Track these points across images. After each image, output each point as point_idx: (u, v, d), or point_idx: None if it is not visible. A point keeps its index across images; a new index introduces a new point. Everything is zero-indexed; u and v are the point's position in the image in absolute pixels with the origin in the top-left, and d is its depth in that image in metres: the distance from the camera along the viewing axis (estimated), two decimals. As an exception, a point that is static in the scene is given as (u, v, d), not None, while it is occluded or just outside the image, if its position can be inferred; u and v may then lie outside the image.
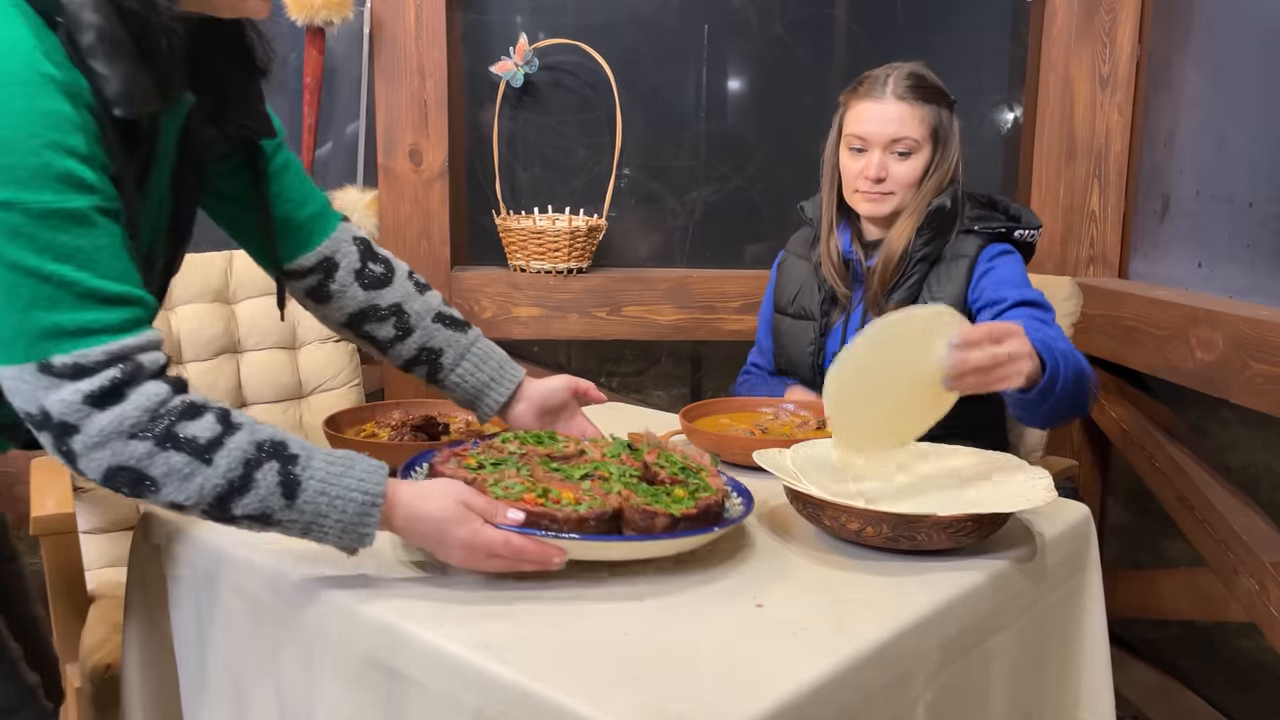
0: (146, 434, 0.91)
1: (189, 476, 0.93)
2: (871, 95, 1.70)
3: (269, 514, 0.96)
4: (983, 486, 1.25)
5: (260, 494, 0.95)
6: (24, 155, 0.87)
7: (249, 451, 0.95)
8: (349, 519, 0.98)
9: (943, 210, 1.70)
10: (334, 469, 0.98)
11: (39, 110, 0.87)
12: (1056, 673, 1.30)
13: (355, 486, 0.98)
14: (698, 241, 2.58)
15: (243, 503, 0.95)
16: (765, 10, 2.49)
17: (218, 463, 0.93)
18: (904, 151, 1.68)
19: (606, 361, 3.01)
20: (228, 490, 0.94)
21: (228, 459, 0.94)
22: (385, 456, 1.33)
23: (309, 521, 0.98)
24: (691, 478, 1.18)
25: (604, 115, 2.45)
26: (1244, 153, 2.09)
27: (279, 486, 0.95)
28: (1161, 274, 2.35)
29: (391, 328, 1.29)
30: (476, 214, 2.51)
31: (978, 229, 1.72)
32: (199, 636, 1.22)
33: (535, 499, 1.06)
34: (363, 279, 1.28)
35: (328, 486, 0.97)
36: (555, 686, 0.86)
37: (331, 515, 0.98)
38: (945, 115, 1.71)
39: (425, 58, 2.32)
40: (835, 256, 1.78)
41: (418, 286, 1.33)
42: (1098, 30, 2.38)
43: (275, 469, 0.95)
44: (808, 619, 1.00)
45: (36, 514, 1.60)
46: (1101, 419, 2.37)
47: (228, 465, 0.94)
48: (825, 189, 1.81)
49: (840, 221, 1.80)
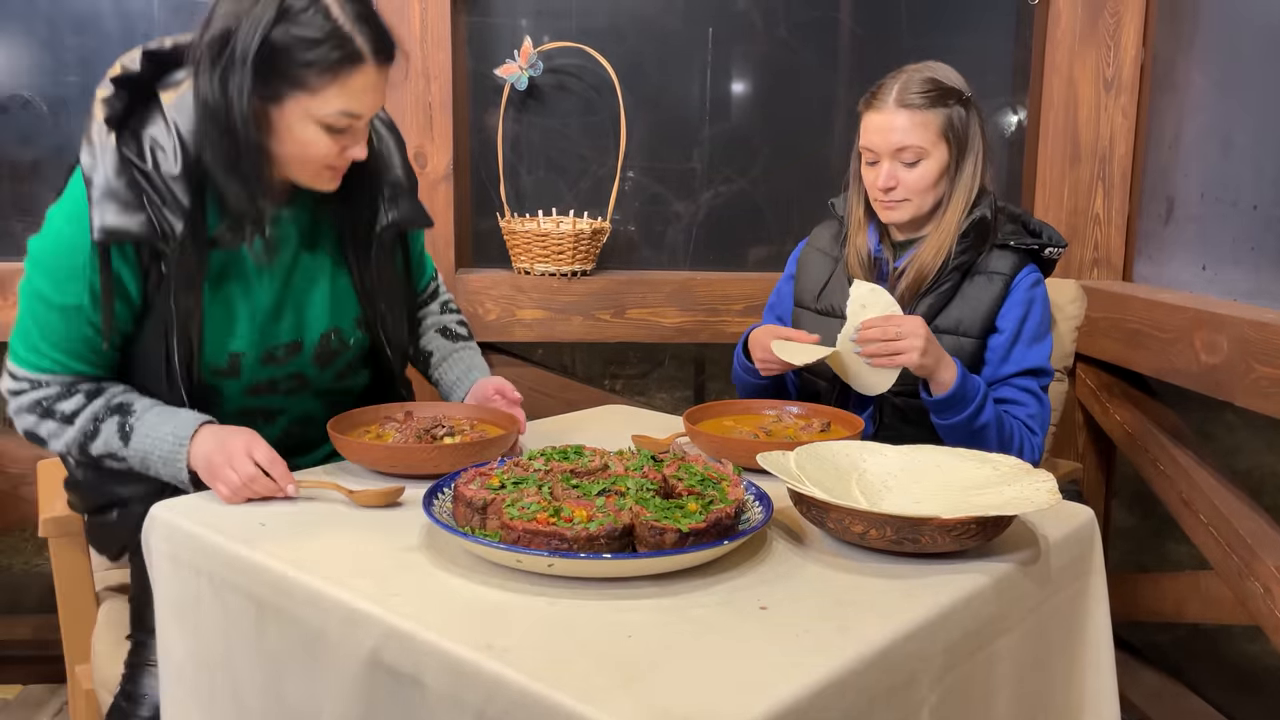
0: (32, 412, 1.38)
1: (57, 434, 1.37)
2: (875, 106, 1.70)
3: (114, 453, 1.34)
4: (986, 489, 1.25)
5: (104, 438, 1.34)
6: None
7: (98, 412, 1.35)
8: (166, 453, 1.31)
9: (983, 221, 1.71)
10: (159, 419, 1.33)
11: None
12: (1061, 676, 1.30)
13: (170, 432, 1.31)
14: (701, 244, 2.59)
15: (94, 445, 1.34)
16: (769, 13, 2.49)
17: (76, 423, 1.35)
18: (911, 160, 1.68)
19: (610, 364, 3.01)
20: (83, 439, 1.35)
21: (82, 419, 1.35)
22: (391, 459, 1.35)
23: (142, 456, 1.33)
24: (710, 488, 1.19)
25: (608, 118, 2.46)
26: (1249, 155, 2.09)
27: (117, 432, 1.33)
28: (1166, 277, 2.34)
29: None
30: (481, 216, 2.52)
31: (1013, 244, 1.73)
32: (197, 637, 1.23)
33: (547, 519, 1.09)
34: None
35: (151, 430, 1.32)
36: (558, 688, 0.87)
37: (154, 452, 1.32)
38: (959, 115, 1.70)
39: (430, 61, 2.32)
40: (864, 254, 1.79)
41: (443, 308, 1.76)
42: (1102, 33, 2.38)
43: (115, 421, 1.34)
44: (811, 621, 1.00)
45: (45, 515, 1.61)
46: (1105, 422, 2.37)
47: (81, 423, 1.35)
48: (852, 192, 1.82)
49: (870, 222, 1.80)
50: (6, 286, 2.21)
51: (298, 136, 1.30)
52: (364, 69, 1.29)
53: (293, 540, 1.19)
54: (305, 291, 1.46)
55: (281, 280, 1.43)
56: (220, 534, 1.21)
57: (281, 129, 1.30)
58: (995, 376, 1.71)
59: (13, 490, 2.32)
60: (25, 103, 2.31)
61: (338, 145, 1.32)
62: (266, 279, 1.42)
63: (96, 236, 1.26)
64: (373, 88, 1.31)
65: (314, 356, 1.49)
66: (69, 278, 1.31)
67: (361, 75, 1.29)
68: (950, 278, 1.71)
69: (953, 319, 1.71)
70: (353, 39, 1.27)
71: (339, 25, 1.26)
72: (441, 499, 1.22)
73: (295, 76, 1.26)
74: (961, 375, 1.58)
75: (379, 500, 1.28)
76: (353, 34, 1.27)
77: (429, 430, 1.47)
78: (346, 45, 1.26)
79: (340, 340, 1.51)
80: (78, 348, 1.35)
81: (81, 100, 2.32)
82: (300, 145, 1.31)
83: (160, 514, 1.28)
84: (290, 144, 1.31)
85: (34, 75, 2.31)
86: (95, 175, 1.28)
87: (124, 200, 1.27)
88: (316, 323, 1.48)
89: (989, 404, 1.61)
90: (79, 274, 1.30)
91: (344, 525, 1.25)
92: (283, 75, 1.26)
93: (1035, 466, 1.68)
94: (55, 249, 1.32)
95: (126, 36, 2.31)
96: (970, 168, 1.71)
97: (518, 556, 1.06)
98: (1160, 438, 2.17)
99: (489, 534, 1.12)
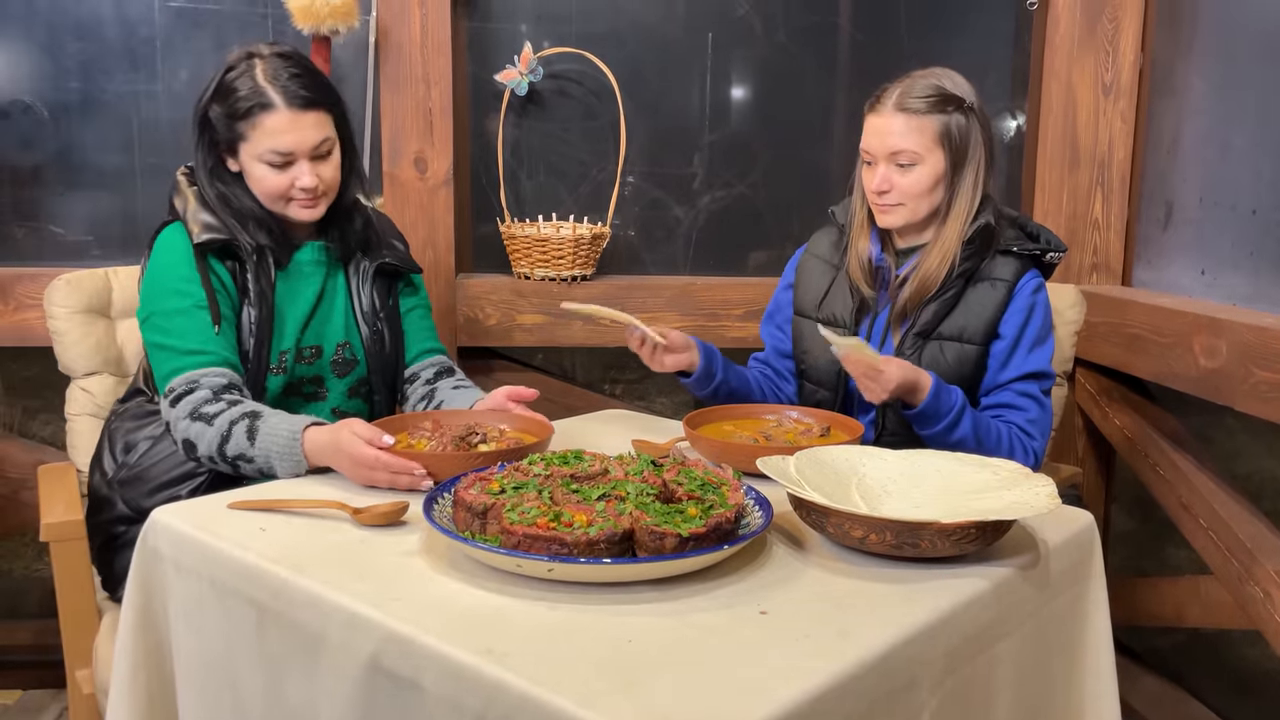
0: (187, 417, 1.56)
1: (202, 435, 1.53)
2: (876, 109, 1.71)
3: (243, 453, 1.50)
4: (986, 494, 1.25)
5: (236, 440, 1.51)
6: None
7: (234, 416, 1.52)
8: (283, 447, 1.48)
9: (988, 227, 1.71)
10: (279, 421, 1.50)
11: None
12: (1061, 680, 1.30)
13: (286, 429, 1.48)
14: (701, 249, 2.59)
15: (229, 447, 1.51)
16: (769, 19, 2.50)
17: (215, 424, 1.53)
18: (906, 163, 1.68)
19: (610, 368, 3.01)
20: (220, 441, 1.52)
21: (220, 421, 1.53)
22: (428, 466, 1.36)
23: (266, 454, 1.49)
24: (710, 493, 1.19)
25: (608, 123, 2.46)
26: (1247, 160, 2.09)
27: (246, 433, 1.50)
28: (1165, 281, 2.35)
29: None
30: (481, 222, 2.52)
31: (1015, 249, 1.73)
32: (200, 641, 1.23)
33: (547, 523, 1.09)
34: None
35: (272, 429, 1.49)
36: (558, 693, 0.87)
37: (273, 448, 1.48)
38: (958, 123, 1.69)
39: (430, 66, 2.33)
40: (865, 260, 1.79)
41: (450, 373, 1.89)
42: (1100, 38, 2.39)
43: (245, 424, 1.51)
44: (811, 626, 1.01)
45: (46, 520, 1.61)
46: (1105, 426, 2.37)
47: (219, 424, 1.52)
48: (855, 195, 1.82)
49: (871, 227, 1.81)
50: (7, 292, 2.22)
51: (257, 175, 1.64)
52: (275, 113, 1.60)
53: (293, 544, 1.20)
54: (329, 306, 1.76)
55: (315, 294, 1.73)
56: (221, 538, 1.21)
57: (246, 171, 1.66)
58: (995, 382, 1.71)
59: (13, 495, 2.33)
60: (26, 108, 2.31)
61: (288, 178, 1.63)
62: (306, 292, 1.72)
63: (197, 240, 1.61)
64: (290, 128, 1.61)
65: (331, 363, 1.76)
66: (183, 284, 1.61)
67: (274, 118, 1.60)
68: (954, 285, 1.71)
69: (956, 326, 1.71)
70: (265, 90, 1.60)
71: (257, 83, 1.61)
72: (441, 504, 1.22)
73: (232, 128, 1.62)
74: (933, 393, 1.59)
75: (382, 520, 1.27)
76: (267, 87, 1.60)
77: (464, 437, 1.48)
78: (258, 95, 1.60)
79: (351, 353, 1.77)
80: (207, 341, 1.59)
81: (82, 106, 2.33)
82: (261, 182, 1.64)
83: (162, 518, 1.29)
84: (256, 182, 1.65)
85: (35, 81, 2.31)
86: (187, 211, 1.65)
87: (211, 220, 1.64)
88: (334, 334, 1.76)
89: (965, 419, 1.62)
90: (190, 279, 1.61)
91: (344, 530, 1.25)
92: (226, 129, 1.63)
93: (1035, 470, 1.70)
94: (161, 275, 1.63)
95: (127, 43, 2.32)
96: (971, 176, 1.71)
97: (518, 561, 1.06)
98: (1160, 442, 2.18)
99: (489, 539, 1.12)
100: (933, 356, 1.71)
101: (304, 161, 1.63)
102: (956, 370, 1.70)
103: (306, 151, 1.63)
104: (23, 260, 2.33)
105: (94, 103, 2.33)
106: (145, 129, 2.36)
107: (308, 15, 2.18)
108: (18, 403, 2.63)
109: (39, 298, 2.00)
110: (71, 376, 1.91)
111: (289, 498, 1.36)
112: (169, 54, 2.34)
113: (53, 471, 1.87)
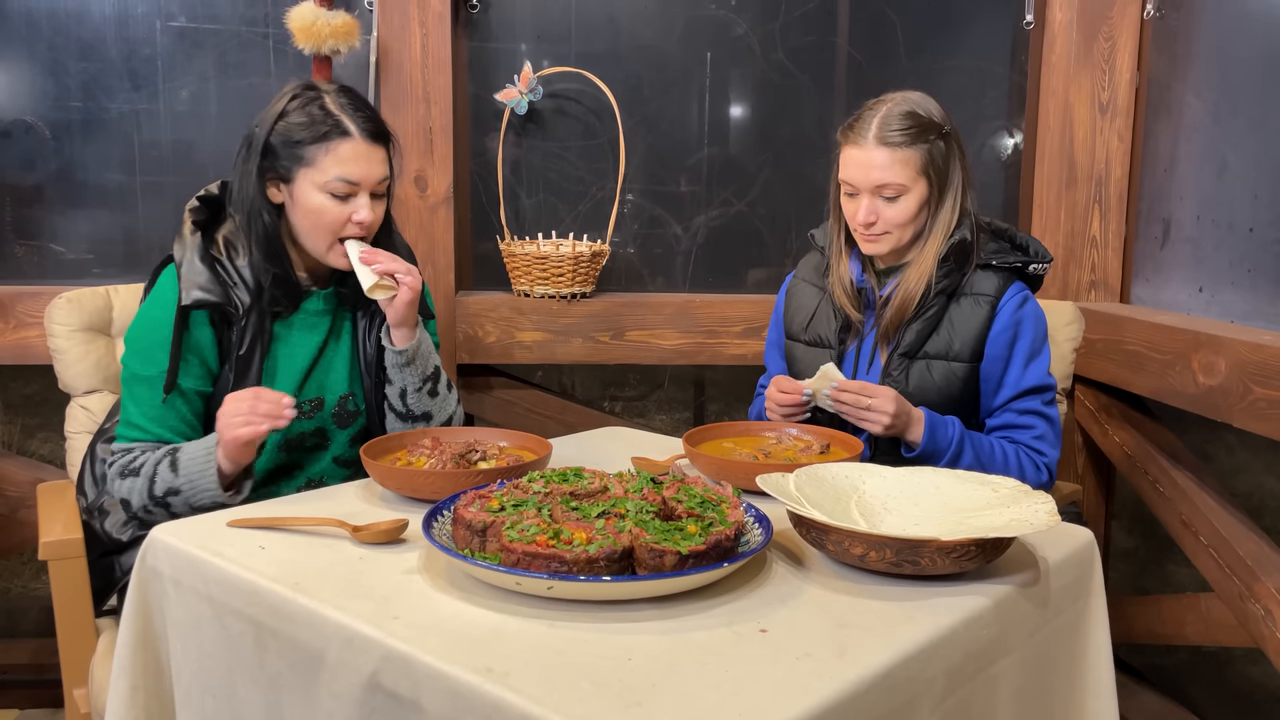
0: (118, 476, 1.56)
1: (133, 489, 1.53)
2: (855, 141, 1.69)
3: (170, 486, 1.50)
4: (986, 511, 1.25)
5: (161, 477, 1.51)
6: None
7: (158, 458, 1.52)
8: (201, 468, 1.48)
9: (963, 243, 1.71)
10: (194, 444, 1.51)
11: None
12: (1062, 699, 1.29)
13: (202, 446, 1.50)
14: (700, 266, 2.60)
15: (156, 487, 1.51)
16: (767, 37, 2.52)
17: (141, 472, 1.53)
18: (891, 195, 1.67)
19: (610, 385, 3.01)
20: (148, 485, 1.52)
21: (146, 467, 1.53)
22: (427, 484, 1.36)
23: (189, 479, 1.49)
24: (710, 510, 1.19)
25: (607, 142, 2.47)
26: (1244, 178, 2.10)
27: (169, 467, 1.50)
28: (1163, 299, 2.35)
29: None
30: (481, 239, 2.53)
31: (995, 263, 1.73)
32: (199, 659, 1.22)
33: (547, 541, 1.09)
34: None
35: (190, 453, 1.50)
36: (558, 711, 0.87)
37: (194, 467, 1.48)
38: (939, 150, 1.68)
39: (431, 85, 2.34)
40: (847, 283, 1.79)
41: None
42: (1097, 57, 2.40)
43: (168, 460, 1.51)
44: (811, 644, 1.00)
45: (45, 539, 1.61)
46: (1105, 443, 2.37)
47: (146, 470, 1.52)
48: (832, 221, 1.82)
49: (851, 251, 1.80)
50: (8, 310, 2.22)
51: (314, 205, 1.59)
52: (351, 140, 1.58)
53: (292, 562, 1.19)
54: (331, 359, 1.72)
55: (317, 347, 1.69)
56: (220, 556, 1.21)
57: (298, 202, 1.60)
58: (995, 404, 1.71)
59: (12, 514, 2.32)
60: (28, 128, 2.32)
61: (346, 211, 1.59)
62: (306, 345, 1.68)
63: (185, 301, 1.56)
64: (363, 158, 1.59)
65: (333, 414, 1.71)
66: (155, 349, 1.57)
67: (349, 145, 1.58)
68: (935, 302, 1.71)
69: (942, 344, 1.71)
70: (340, 118, 1.58)
71: (329, 110, 1.59)
72: (441, 521, 1.22)
73: (296, 154, 1.58)
74: (928, 433, 1.62)
75: (382, 538, 1.27)
76: (340, 115, 1.58)
77: (464, 455, 1.48)
78: (334, 122, 1.58)
79: (355, 404, 1.73)
80: (166, 416, 1.58)
81: (84, 125, 2.34)
82: (313, 213, 1.59)
83: (161, 536, 1.28)
84: (304, 215, 1.60)
85: (37, 101, 2.32)
86: (184, 262, 1.59)
87: (206, 280, 1.59)
88: (337, 385, 1.72)
89: (966, 450, 1.63)
90: (163, 346, 1.56)
91: (343, 548, 1.25)
92: (289, 154, 1.58)
93: (1050, 482, 1.70)
94: (144, 329, 1.60)
95: (129, 62, 2.33)
96: (952, 198, 1.71)
97: (517, 579, 1.06)
98: (1160, 459, 2.18)
99: (488, 556, 1.12)
100: (920, 376, 1.71)
101: (365, 195, 1.60)
102: (945, 389, 1.70)
103: (371, 185, 1.60)
104: (23, 278, 2.34)
105: (95, 122, 2.35)
106: (146, 148, 2.37)
107: (309, 35, 2.20)
108: (17, 421, 2.64)
109: (39, 316, 2.00)
110: (71, 395, 1.91)
111: (288, 515, 1.36)
112: (170, 74, 2.36)
113: (52, 490, 1.87)
